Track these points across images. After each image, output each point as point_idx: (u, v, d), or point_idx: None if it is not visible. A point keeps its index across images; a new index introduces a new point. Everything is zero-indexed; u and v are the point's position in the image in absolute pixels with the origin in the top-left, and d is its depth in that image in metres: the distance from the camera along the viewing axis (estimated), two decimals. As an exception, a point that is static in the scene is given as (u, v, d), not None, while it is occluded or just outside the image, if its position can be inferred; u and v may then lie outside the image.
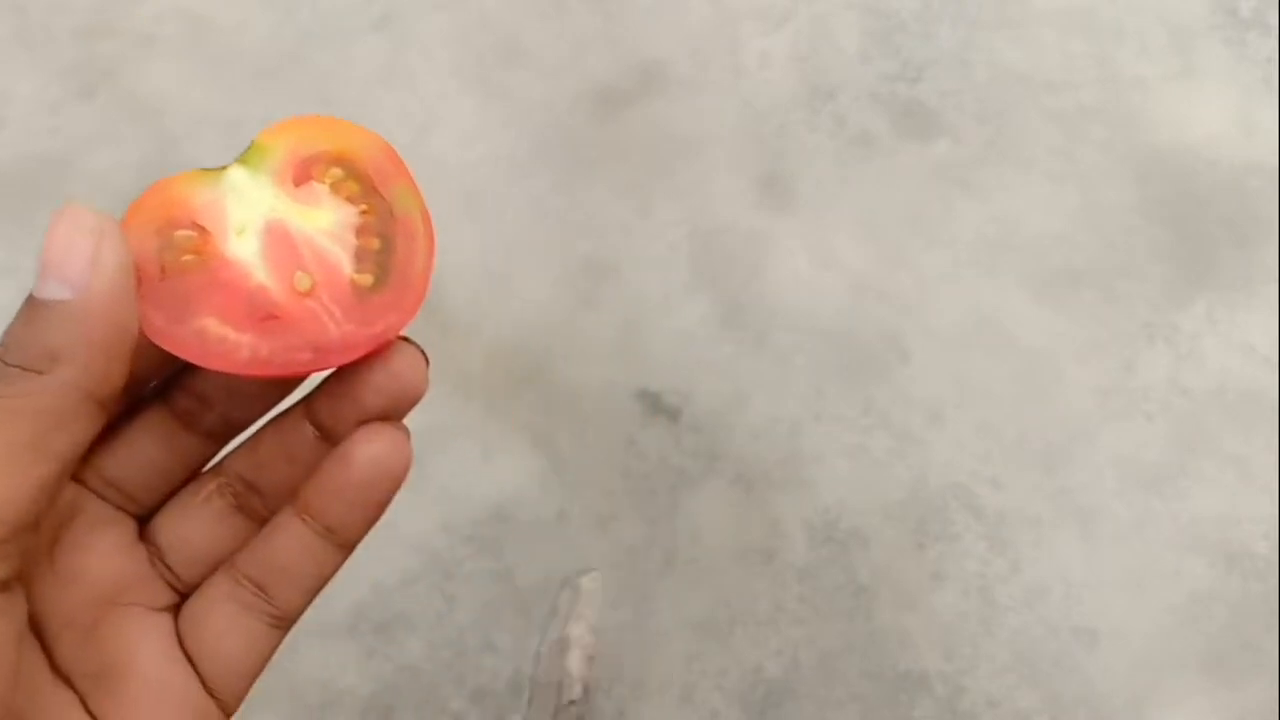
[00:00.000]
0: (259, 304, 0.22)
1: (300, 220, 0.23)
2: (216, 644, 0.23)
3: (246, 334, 0.21)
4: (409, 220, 0.23)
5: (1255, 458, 0.59)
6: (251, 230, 0.22)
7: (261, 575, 0.22)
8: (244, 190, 0.23)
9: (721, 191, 0.67)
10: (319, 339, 0.22)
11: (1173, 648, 0.54)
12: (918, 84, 0.72)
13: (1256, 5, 0.75)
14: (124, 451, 0.23)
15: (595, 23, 0.74)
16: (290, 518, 0.22)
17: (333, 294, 0.22)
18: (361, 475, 0.22)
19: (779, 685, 0.52)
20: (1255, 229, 0.66)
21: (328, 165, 0.23)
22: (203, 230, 0.22)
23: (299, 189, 0.23)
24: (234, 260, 0.22)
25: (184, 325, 0.21)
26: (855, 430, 0.59)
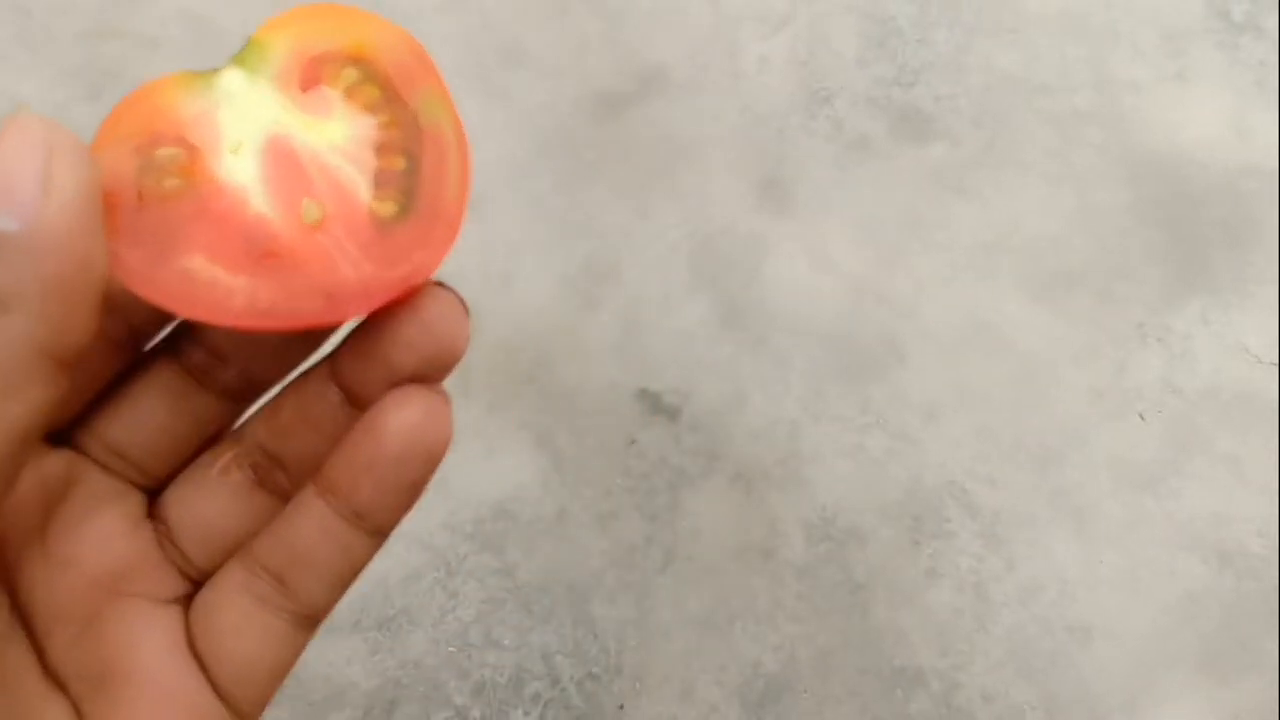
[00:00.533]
0: (257, 239, 0.17)
1: (308, 134, 0.18)
2: (231, 644, 0.19)
3: (242, 276, 0.17)
4: (439, 133, 0.19)
5: (1249, 457, 0.59)
6: (250, 147, 0.18)
7: (281, 565, 0.19)
8: (241, 98, 0.18)
9: (721, 194, 0.68)
10: (331, 283, 0.17)
11: (1167, 645, 0.54)
12: (914, 88, 0.72)
13: (1249, 9, 0.76)
14: (129, 413, 0.19)
15: (596, 26, 0.75)
16: (313, 498, 0.19)
17: (348, 227, 0.18)
18: (393, 449, 0.18)
19: (777, 681, 0.53)
20: (1248, 231, 0.66)
21: (341, 65, 0.19)
22: (191, 148, 0.18)
23: (306, 95, 0.19)
24: (228, 185, 0.18)
25: (166, 265, 0.17)
26: (853, 430, 0.60)
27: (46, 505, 0.19)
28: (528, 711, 0.52)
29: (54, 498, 0.19)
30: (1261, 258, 0.65)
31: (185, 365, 0.19)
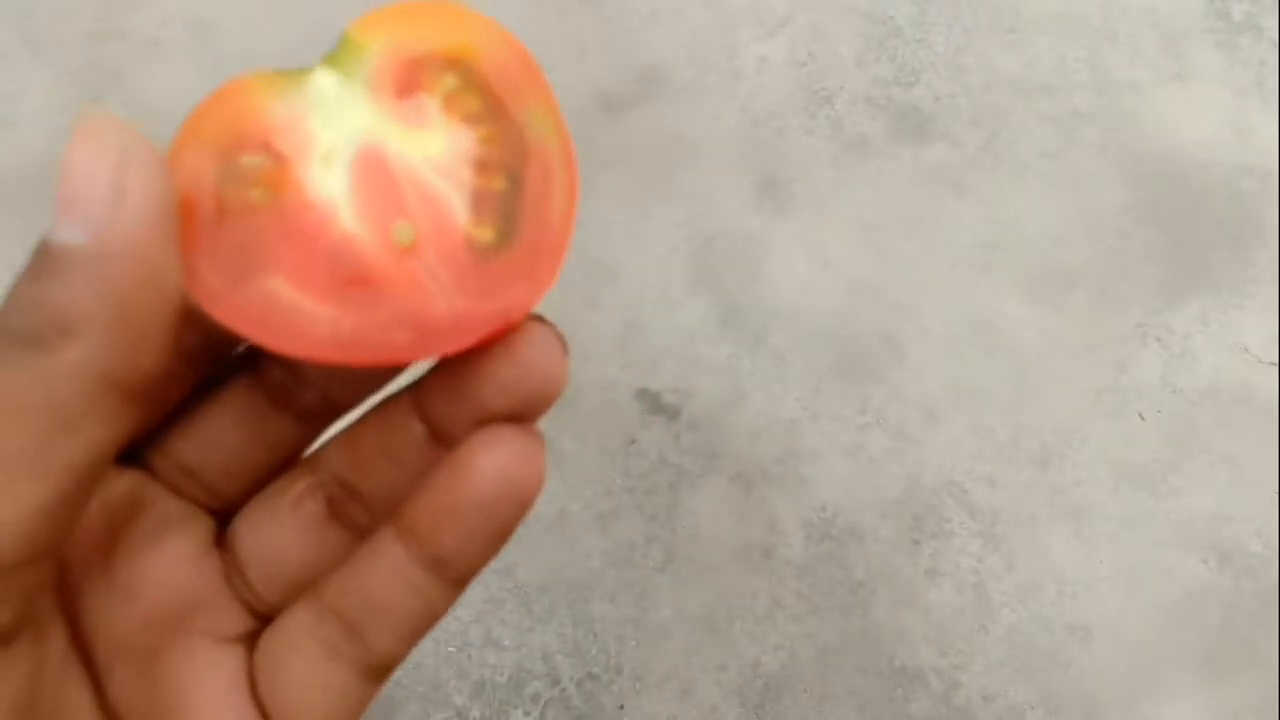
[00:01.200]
0: (345, 262, 0.16)
1: (403, 147, 0.17)
2: (295, 694, 0.18)
3: (327, 304, 0.16)
4: (545, 151, 0.17)
5: (1247, 457, 0.59)
6: (341, 159, 0.16)
7: (353, 611, 0.18)
8: (333, 103, 0.17)
9: (720, 194, 0.68)
10: (422, 315, 0.16)
11: (1166, 644, 0.54)
12: (913, 88, 0.72)
13: (1249, 9, 0.76)
14: (202, 433, 0.18)
15: (596, 28, 0.75)
16: (391, 542, 0.17)
17: (442, 253, 0.16)
18: (481, 493, 0.16)
19: (777, 680, 0.53)
20: (1248, 231, 0.66)
21: (441, 70, 0.17)
22: (278, 155, 0.16)
23: (402, 103, 0.17)
24: (316, 200, 0.16)
25: (245, 286, 0.15)
26: (852, 429, 0.60)
27: (112, 529, 0.17)
28: (528, 711, 0.52)
29: (120, 521, 0.18)
30: (1261, 258, 0.66)
31: (263, 384, 0.18)
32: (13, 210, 0.66)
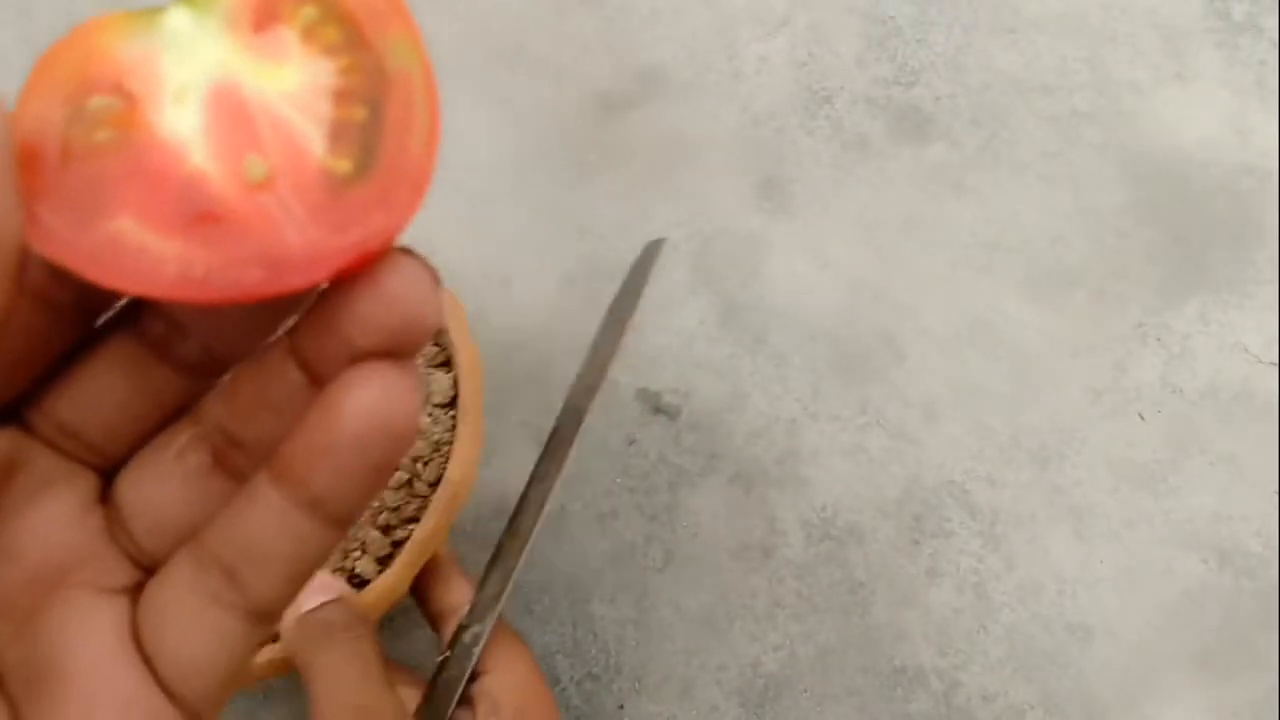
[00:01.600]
0: (194, 199, 0.16)
1: (259, 81, 0.16)
2: (178, 643, 0.18)
3: (175, 241, 0.15)
4: (406, 81, 0.16)
5: (1247, 457, 0.59)
6: (194, 96, 0.16)
7: (231, 558, 0.18)
8: (186, 40, 0.16)
9: (720, 194, 0.68)
10: (274, 250, 0.16)
11: (1166, 643, 0.54)
12: (913, 88, 0.72)
13: (1249, 9, 0.76)
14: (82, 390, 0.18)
15: (596, 28, 0.75)
16: (266, 485, 0.17)
17: (296, 186, 0.16)
18: (351, 431, 0.16)
19: (777, 679, 0.53)
20: (1248, 231, 0.66)
21: (299, 3, 0.17)
22: (129, 96, 0.16)
23: (259, 36, 0.17)
24: (166, 138, 0.16)
25: (90, 229, 0.15)
26: (851, 429, 0.60)
27: None
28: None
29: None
30: (1261, 258, 0.66)
31: (143, 338, 0.18)
32: (13, 210, 0.66)
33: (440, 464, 0.48)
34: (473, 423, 0.48)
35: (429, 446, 0.48)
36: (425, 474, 0.48)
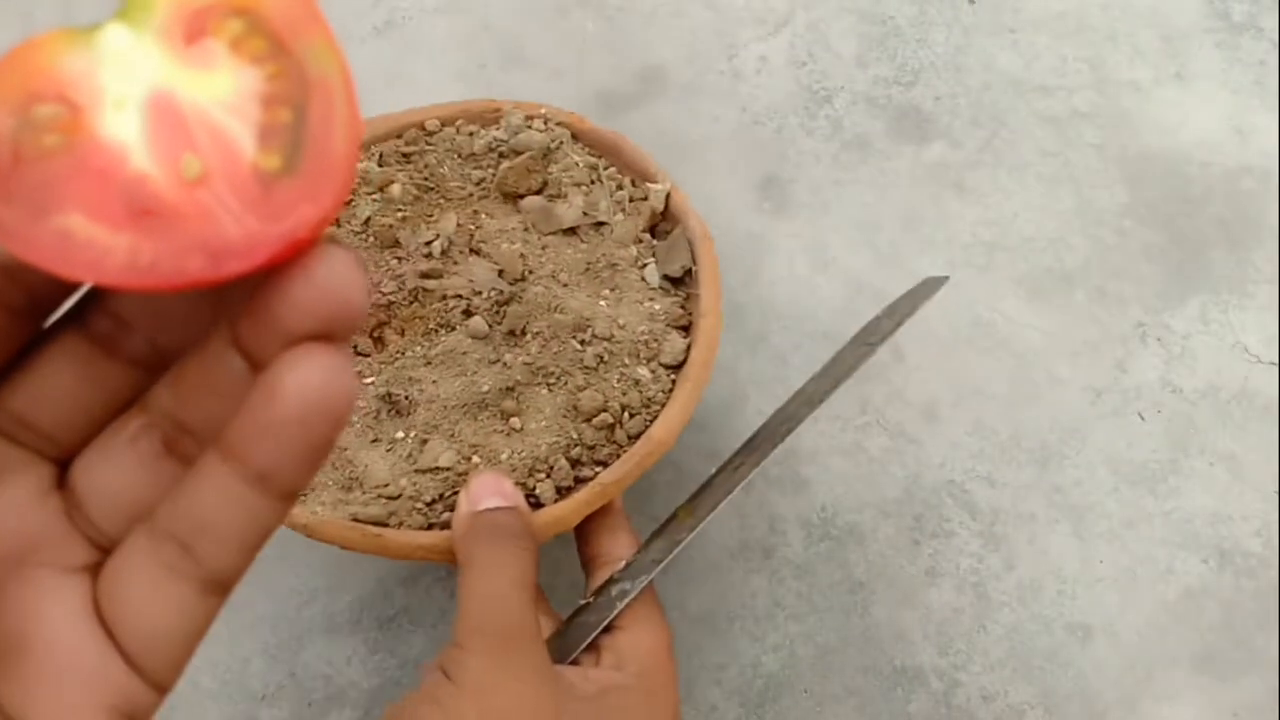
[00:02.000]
0: (137, 196, 0.17)
1: (192, 89, 0.18)
2: (138, 613, 0.19)
3: (122, 234, 0.17)
4: (326, 84, 0.18)
5: (1247, 457, 0.59)
6: (132, 104, 0.18)
7: (185, 531, 0.19)
8: (123, 54, 0.18)
9: (720, 194, 0.68)
10: (212, 239, 0.17)
11: (1166, 643, 0.54)
12: (913, 88, 0.72)
13: (1249, 9, 0.76)
14: (35, 384, 0.19)
15: (596, 28, 0.75)
16: (215, 463, 0.19)
17: (230, 182, 0.18)
18: (291, 409, 0.17)
19: (777, 679, 0.53)
20: (1247, 231, 0.66)
21: (225, 17, 0.19)
22: (73, 105, 0.18)
23: (190, 49, 0.18)
24: (108, 142, 0.18)
25: (42, 224, 0.17)
26: (851, 429, 0.60)
27: None
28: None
29: None
30: (1261, 258, 0.66)
31: (91, 334, 0.19)
32: (13, 210, 0.66)
33: (646, 419, 0.48)
34: (691, 390, 0.48)
35: (641, 401, 0.48)
36: (629, 425, 0.48)
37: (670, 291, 0.52)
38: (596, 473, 0.47)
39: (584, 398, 0.48)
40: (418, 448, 0.47)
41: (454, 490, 0.46)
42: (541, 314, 0.49)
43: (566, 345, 0.49)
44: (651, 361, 0.50)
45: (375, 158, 0.54)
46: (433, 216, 0.53)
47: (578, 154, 0.55)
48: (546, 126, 0.56)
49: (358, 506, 0.45)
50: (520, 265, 0.51)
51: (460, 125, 0.56)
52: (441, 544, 0.44)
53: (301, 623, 0.54)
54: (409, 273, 0.50)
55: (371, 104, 0.71)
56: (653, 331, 0.50)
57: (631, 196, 0.55)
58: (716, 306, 0.50)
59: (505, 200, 0.54)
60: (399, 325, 0.50)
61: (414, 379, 0.49)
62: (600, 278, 0.52)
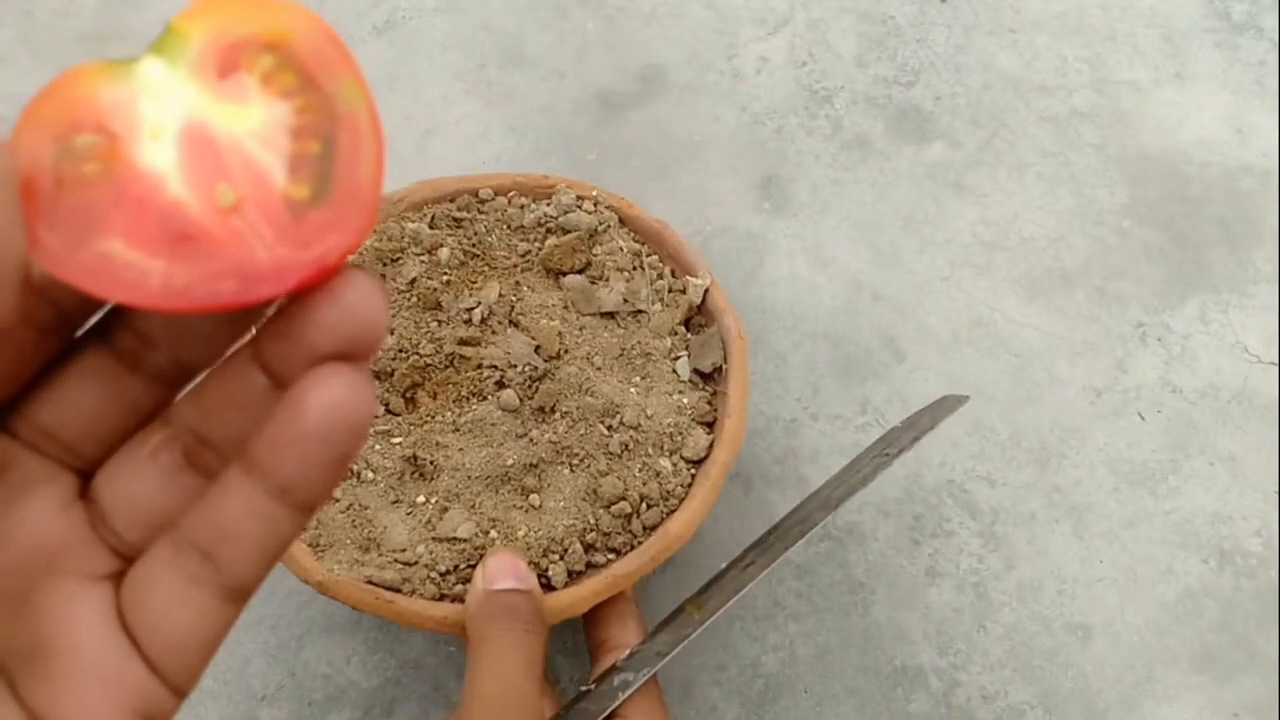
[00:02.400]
0: (173, 222, 0.18)
1: (225, 121, 0.19)
2: (160, 619, 0.20)
3: (158, 259, 0.18)
4: (354, 119, 0.19)
5: (1247, 456, 0.59)
6: (168, 134, 0.19)
7: (207, 541, 0.20)
8: (159, 86, 0.19)
9: (720, 194, 0.68)
10: (245, 264, 0.18)
11: (1166, 643, 0.54)
12: (913, 88, 0.72)
13: (1249, 9, 0.76)
14: (60, 398, 0.20)
15: (596, 28, 0.75)
16: (238, 476, 0.19)
17: (262, 210, 0.19)
18: (315, 425, 0.18)
19: (776, 679, 0.53)
20: (1247, 230, 0.66)
21: (257, 52, 0.20)
22: (111, 135, 0.19)
23: (224, 82, 0.19)
24: (146, 171, 0.19)
25: (83, 248, 0.18)
26: (851, 429, 0.60)
27: None
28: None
29: None
30: (1261, 258, 0.66)
31: (116, 350, 0.20)
32: (13, 210, 0.66)
33: (663, 512, 0.49)
34: (710, 489, 0.49)
35: (660, 493, 0.49)
36: (646, 516, 0.48)
37: (699, 385, 0.53)
38: (609, 559, 0.47)
39: (605, 484, 0.48)
40: (437, 515, 0.48)
41: (469, 563, 0.46)
42: (572, 394, 0.50)
43: (594, 429, 0.49)
44: (674, 454, 0.50)
45: (428, 219, 0.55)
46: (476, 283, 0.54)
47: (623, 239, 0.56)
48: (596, 209, 0.56)
49: (373, 569, 0.46)
50: (557, 343, 0.51)
51: (513, 197, 0.57)
52: (452, 618, 0.44)
53: (301, 623, 0.54)
54: (447, 337, 0.51)
55: (371, 104, 0.71)
56: (678, 425, 0.50)
57: (671, 287, 0.55)
58: (742, 407, 0.50)
59: (548, 275, 0.55)
60: (432, 388, 0.51)
61: (441, 444, 0.49)
62: (633, 364, 0.52)
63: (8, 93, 0.71)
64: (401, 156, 0.69)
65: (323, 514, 0.47)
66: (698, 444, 0.50)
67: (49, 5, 0.76)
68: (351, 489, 0.48)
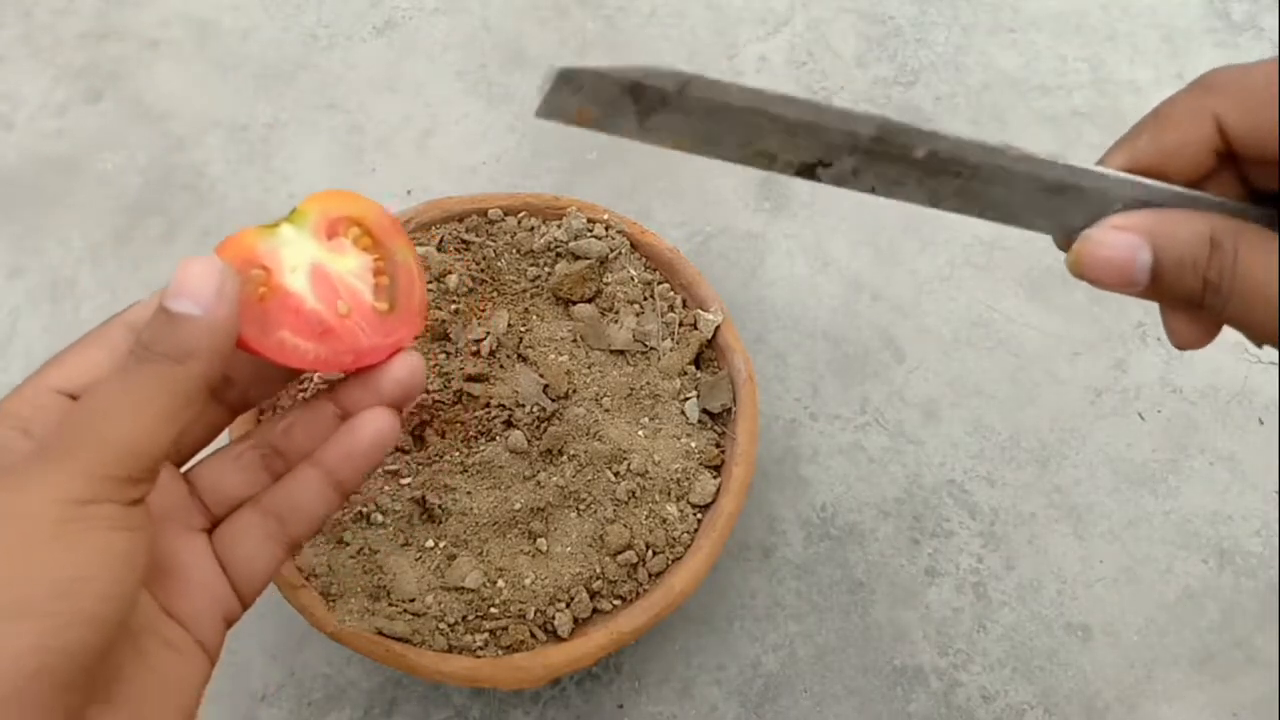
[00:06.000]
0: (315, 323, 0.30)
1: (334, 264, 0.32)
2: (245, 558, 0.31)
3: (310, 343, 0.30)
4: (408, 265, 0.32)
5: (1246, 456, 0.59)
6: (301, 270, 0.31)
7: (283, 511, 0.31)
8: (293, 242, 0.31)
9: (719, 194, 0.68)
10: (356, 346, 0.31)
11: (1165, 643, 0.54)
12: (913, 88, 0.72)
13: (1249, 9, 0.76)
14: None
15: (596, 28, 0.75)
16: (307, 470, 0.31)
17: (362, 316, 0.31)
18: (365, 443, 0.31)
19: (776, 679, 0.53)
20: (1247, 231, 0.66)
21: (349, 225, 0.32)
22: (266, 270, 0.30)
23: (331, 241, 0.32)
24: (293, 292, 0.30)
25: (269, 336, 0.29)
26: (851, 429, 0.60)
27: None
28: (527, 711, 0.52)
29: None
30: (1261, 257, 0.65)
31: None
32: (10, 211, 0.66)
33: (669, 559, 0.48)
34: (716, 540, 0.48)
35: (666, 539, 0.49)
36: (652, 564, 0.48)
37: (708, 425, 0.52)
38: (615, 605, 0.48)
39: (611, 531, 0.48)
40: (445, 562, 0.48)
41: (478, 614, 0.47)
42: (580, 437, 0.49)
43: (601, 474, 0.49)
44: (681, 500, 0.50)
45: (436, 241, 0.54)
46: (485, 311, 0.53)
47: (634, 267, 0.55)
48: (607, 233, 0.55)
49: (383, 620, 0.46)
50: (565, 383, 0.51)
51: (522, 218, 0.56)
52: (461, 673, 0.45)
53: (302, 623, 0.54)
54: (455, 372, 0.50)
55: (372, 104, 0.72)
56: (686, 470, 0.50)
57: (681, 320, 0.54)
58: (751, 453, 0.50)
59: (557, 303, 0.54)
60: (440, 426, 0.50)
61: (449, 486, 0.49)
62: (641, 405, 0.52)
63: (8, 92, 0.71)
64: (402, 156, 0.69)
65: (334, 560, 0.47)
66: (705, 489, 0.50)
67: (49, 5, 0.76)
68: (361, 532, 0.48)
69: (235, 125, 0.70)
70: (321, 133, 0.70)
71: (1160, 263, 0.27)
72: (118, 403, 0.25)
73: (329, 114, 0.71)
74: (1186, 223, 0.26)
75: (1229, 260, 0.26)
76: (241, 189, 0.67)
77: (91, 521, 0.24)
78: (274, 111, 0.71)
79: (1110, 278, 0.28)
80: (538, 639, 0.47)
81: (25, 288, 0.63)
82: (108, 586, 0.24)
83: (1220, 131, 0.26)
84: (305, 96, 0.71)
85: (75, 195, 0.67)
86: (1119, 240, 0.27)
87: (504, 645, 0.46)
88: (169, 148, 0.69)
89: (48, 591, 0.23)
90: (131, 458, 0.25)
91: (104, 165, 0.68)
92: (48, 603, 0.23)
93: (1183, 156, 0.26)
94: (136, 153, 0.69)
